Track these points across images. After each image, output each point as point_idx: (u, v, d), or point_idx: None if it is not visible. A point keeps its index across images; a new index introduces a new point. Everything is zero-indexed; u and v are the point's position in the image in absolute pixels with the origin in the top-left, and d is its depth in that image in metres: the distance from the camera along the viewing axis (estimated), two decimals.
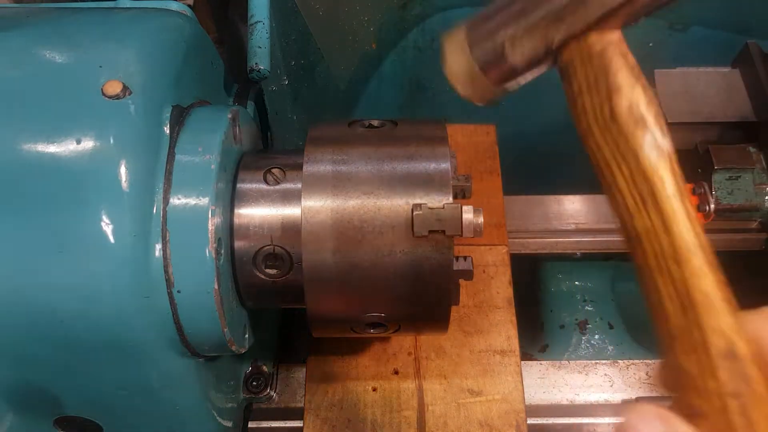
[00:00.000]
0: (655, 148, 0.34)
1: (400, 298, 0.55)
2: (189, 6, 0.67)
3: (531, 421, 0.76)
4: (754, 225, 0.93)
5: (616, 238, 0.96)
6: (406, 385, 0.71)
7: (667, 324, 0.34)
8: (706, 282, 0.33)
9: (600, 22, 0.36)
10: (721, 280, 0.33)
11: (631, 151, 0.35)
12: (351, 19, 1.00)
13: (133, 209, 0.48)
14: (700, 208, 0.90)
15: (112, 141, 0.48)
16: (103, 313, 0.48)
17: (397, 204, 0.53)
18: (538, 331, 1.14)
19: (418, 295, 0.54)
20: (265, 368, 0.76)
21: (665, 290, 0.34)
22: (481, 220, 0.52)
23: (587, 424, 0.80)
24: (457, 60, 0.41)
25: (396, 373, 0.65)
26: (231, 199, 0.57)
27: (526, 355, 1.09)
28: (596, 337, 1.13)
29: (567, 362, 0.87)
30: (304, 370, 0.73)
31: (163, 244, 0.50)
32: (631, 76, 0.36)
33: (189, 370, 0.57)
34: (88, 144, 0.48)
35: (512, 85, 0.41)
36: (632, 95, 0.35)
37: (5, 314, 0.48)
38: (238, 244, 0.56)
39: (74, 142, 0.48)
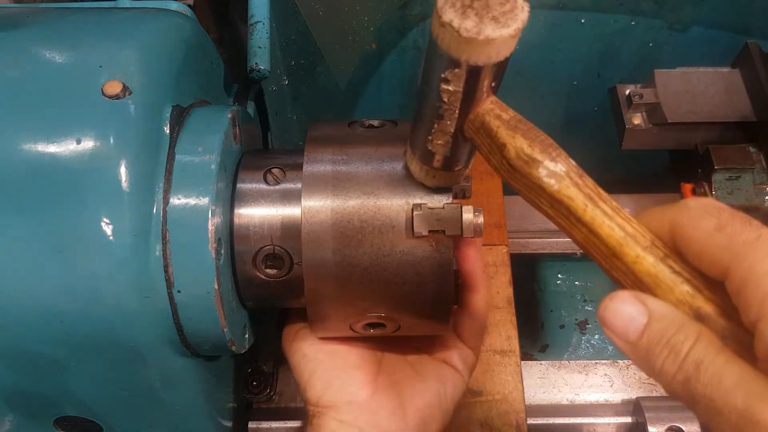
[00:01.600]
0: (552, 176, 0.38)
1: (400, 298, 0.55)
2: (189, 6, 0.67)
3: (531, 421, 0.76)
4: None
5: None
6: None
7: None
8: (647, 264, 0.36)
9: (466, 111, 0.43)
10: (667, 254, 0.36)
11: (536, 186, 0.39)
12: (351, 19, 0.99)
13: (133, 209, 0.48)
14: None
15: (112, 141, 0.48)
16: (102, 313, 0.48)
17: (397, 204, 0.53)
18: (538, 331, 1.14)
19: (418, 295, 0.54)
20: (265, 368, 0.76)
21: (626, 283, 0.37)
22: (481, 220, 0.52)
23: (587, 424, 0.80)
24: (413, 168, 0.51)
25: None
26: (231, 199, 0.57)
27: (526, 355, 1.09)
28: (596, 337, 1.14)
29: (567, 362, 0.87)
30: None
31: (163, 244, 0.50)
32: (508, 130, 0.41)
33: (189, 370, 0.57)
34: (88, 144, 0.48)
35: (460, 169, 0.50)
36: (514, 145, 0.40)
37: (4, 314, 0.48)
38: (238, 244, 0.56)
39: (74, 142, 0.48)
